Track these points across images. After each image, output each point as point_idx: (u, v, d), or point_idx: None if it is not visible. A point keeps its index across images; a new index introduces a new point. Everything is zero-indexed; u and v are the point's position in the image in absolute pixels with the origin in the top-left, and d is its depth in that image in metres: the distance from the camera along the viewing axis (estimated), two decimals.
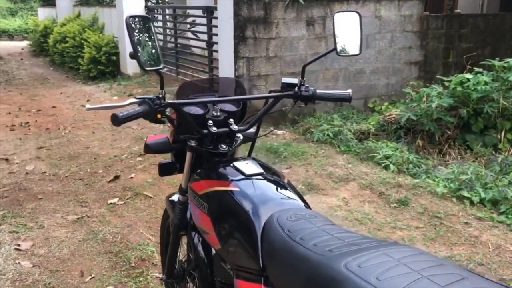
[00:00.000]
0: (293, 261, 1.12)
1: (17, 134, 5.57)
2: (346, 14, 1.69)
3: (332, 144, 4.98)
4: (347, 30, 1.67)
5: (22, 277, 2.63)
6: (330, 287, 0.95)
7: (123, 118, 1.35)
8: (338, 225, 1.29)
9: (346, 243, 1.10)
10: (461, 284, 0.88)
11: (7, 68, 11.01)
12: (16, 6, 22.60)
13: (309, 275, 1.04)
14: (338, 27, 1.67)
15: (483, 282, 0.90)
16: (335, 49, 1.72)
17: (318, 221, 1.25)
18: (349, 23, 1.66)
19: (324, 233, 1.17)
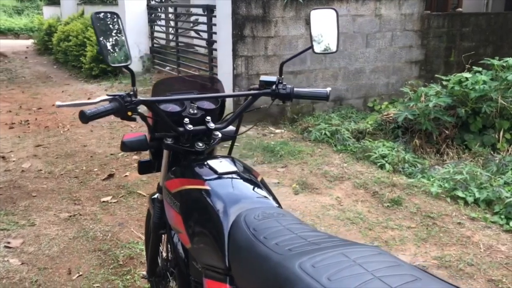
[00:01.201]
0: (254, 260, 1.10)
1: (16, 132, 5.59)
2: (323, 11, 1.67)
3: (329, 143, 4.96)
4: (324, 28, 1.65)
5: (10, 275, 2.63)
6: (285, 286, 0.94)
7: (90, 115, 1.34)
8: (307, 224, 1.28)
9: (307, 242, 1.09)
10: (412, 285, 0.87)
11: (11, 67, 11.05)
12: (22, 4, 22.69)
13: (267, 274, 1.02)
14: (315, 25, 1.65)
15: (435, 283, 0.88)
16: (311, 47, 1.70)
17: (285, 220, 1.24)
18: (326, 20, 1.65)
19: (288, 232, 1.15)
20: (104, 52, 1.36)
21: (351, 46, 6.13)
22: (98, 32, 1.35)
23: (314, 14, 1.65)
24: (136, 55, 8.80)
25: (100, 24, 1.39)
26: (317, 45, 1.69)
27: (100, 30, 1.37)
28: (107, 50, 1.39)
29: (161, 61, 8.72)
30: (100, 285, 2.54)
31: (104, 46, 1.36)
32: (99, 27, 1.37)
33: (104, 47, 1.36)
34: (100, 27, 1.38)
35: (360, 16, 6.09)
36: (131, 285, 2.54)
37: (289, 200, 3.66)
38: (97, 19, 1.38)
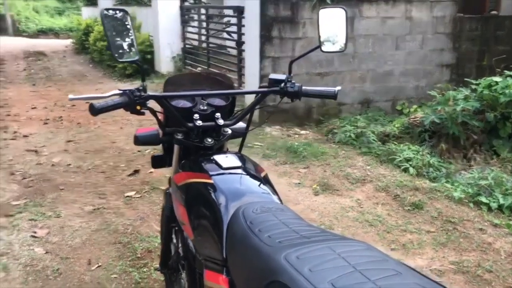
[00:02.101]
0: (246, 251, 1.14)
1: (49, 127, 5.79)
2: (332, 10, 1.68)
3: (354, 145, 4.94)
4: (332, 27, 1.67)
5: (34, 263, 2.74)
6: (270, 276, 0.97)
7: (99, 108, 1.40)
8: (304, 220, 1.30)
9: (299, 236, 1.11)
10: (392, 279, 0.88)
11: (49, 65, 11.44)
12: (64, 5, 23.44)
13: (257, 265, 1.05)
14: (323, 24, 1.67)
15: (414, 277, 0.89)
16: (319, 46, 1.72)
17: (282, 214, 1.26)
18: (335, 19, 1.66)
19: (283, 226, 1.18)
20: (112, 48, 1.41)
21: (380, 48, 6.08)
22: (107, 29, 1.41)
23: (323, 13, 1.67)
24: (168, 55, 8.97)
25: (110, 21, 1.45)
26: (325, 44, 1.71)
27: (109, 27, 1.43)
28: (116, 46, 1.44)
29: (192, 62, 8.84)
30: (118, 276, 2.62)
31: (112, 42, 1.42)
32: (108, 23, 1.43)
33: (112, 43, 1.42)
34: (110, 23, 1.44)
35: (390, 18, 6.03)
36: (147, 277, 2.61)
37: (309, 200, 3.67)
38: (107, 16, 1.44)
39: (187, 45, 9.13)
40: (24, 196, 3.69)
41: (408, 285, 0.87)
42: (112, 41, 1.42)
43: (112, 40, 1.43)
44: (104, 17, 1.42)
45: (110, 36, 1.42)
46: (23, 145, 5.04)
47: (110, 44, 1.42)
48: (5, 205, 3.53)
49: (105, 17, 1.42)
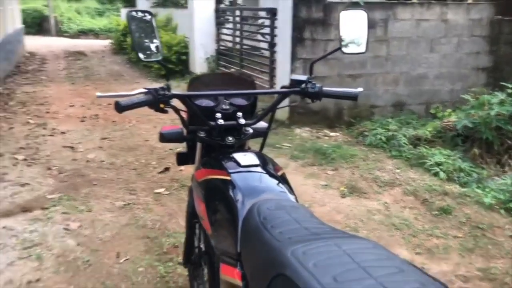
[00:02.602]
0: (258, 246, 1.17)
1: (86, 125, 5.98)
2: (353, 12, 1.70)
3: (384, 148, 4.90)
4: (354, 29, 1.69)
5: (66, 254, 2.86)
6: (276, 270, 1.00)
7: (124, 105, 1.47)
8: (318, 218, 1.32)
9: (309, 232, 1.14)
10: (393, 276, 0.90)
11: (88, 64, 11.78)
12: (104, 6, 24.07)
13: (266, 259, 1.09)
14: (344, 26, 1.69)
15: (416, 275, 0.91)
16: (340, 48, 1.74)
17: (296, 212, 1.29)
18: (356, 21, 1.68)
19: (294, 223, 1.21)
20: (137, 48, 1.48)
21: (414, 51, 6.00)
22: (132, 29, 1.48)
23: (344, 15, 1.69)
24: (202, 56, 9.09)
25: (135, 22, 1.51)
26: (346, 46, 1.73)
27: (134, 28, 1.49)
28: (140, 46, 1.51)
29: (226, 63, 8.94)
30: (144, 270, 2.70)
31: (137, 43, 1.49)
32: (133, 24, 1.50)
33: (137, 44, 1.48)
34: (135, 24, 1.51)
35: (424, 21, 5.95)
36: (172, 272, 2.68)
37: (335, 202, 3.67)
38: (132, 17, 1.50)
39: (221, 46, 9.24)
40: (59, 190, 3.83)
41: (409, 282, 0.88)
42: (137, 41, 1.49)
43: (137, 40, 1.49)
44: (130, 19, 1.49)
45: (135, 37, 1.48)
46: (60, 141, 5.23)
47: (135, 44, 1.48)
48: (41, 198, 3.68)
49: (131, 19, 1.49)
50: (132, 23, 1.48)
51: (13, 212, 3.43)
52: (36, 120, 6.13)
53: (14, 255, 2.83)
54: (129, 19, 1.49)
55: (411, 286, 0.87)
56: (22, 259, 2.80)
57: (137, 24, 1.52)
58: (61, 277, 2.62)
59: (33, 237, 3.05)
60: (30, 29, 19.05)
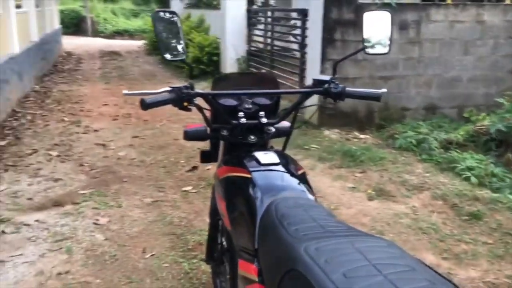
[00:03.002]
0: (273, 242, 1.19)
1: (118, 123, 6.12)
2: (377, 13, 1.69)
3: (414, 152, 4.82)
4: (378, 29, 1.68)
5: (94, 248, 2.94)
6: (289, 265, 1.01)
7: (149, 103, 1.51)
8: (335, 217, 1.32)
9: (324, 230, 1.15)
10: (403, 274, 0.90)
11: (123, 64, 12.04)
12: (139, 8, 24.53)
13: (279, 254, 1.10)
14: (368, 26, 1.68)
15: (427, 274, 0.90)
16: (363, 48, 1.73)
17: (313, 210, 1.30)
18: (380, 22, 1.67)
19: (311, 220, 1.22)
20: (161, 47, 1.51)
21: (448, 53, 5.89)
22: (157, 29, 1.51)
23: (368, 16, 1.68)
24: (233, 57, 9.15)
25: (160, 22, 1.55)
26: (370, 47, 1.72)
27: (159, 27, 1.53)
28: (165, 46, 1.54)
29: (256, 64, 8.97)
30: (169, 266, 2.75)
31: (162, 42, 1.52)
32: (159, 24, 1.53)
33: (162, 43, 1.52)
34: (160, 24, 1.54)
35: (459, 22, 5.83)
36: (196, 269, 2.72)
37: (362, 205, 3.64)
38: (158, 17, 1.54)
39: (252, 47, 9.28)
40: (90, 186, 3.94)
41: (418, 281, 0.88)
42: (161, 40, 1.52)
43: (162, 39, 1.53)
44: (155, 19, 1.53)
45: (160, 36, 1.52)
46: (93, 138, 5.37)
47: (160, 43, 1.52)
48: (73, 193, 3.79)
49: (156, 18, 1.53)
50: (158, 23, 1.52)
51: (46, 206, 3.54)
52: (71, 118, 6.31)
53: (45, 247, 2.93)
54: (154, 19, 1.53)
55: (420, 284, 0.87)
56: (53, 251, 2.89)
57: (163, 24, 1.55)
58: (89, 270, 2.70)
59: (64, 231, 3.14)
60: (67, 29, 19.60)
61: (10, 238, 3.04)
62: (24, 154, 4.70)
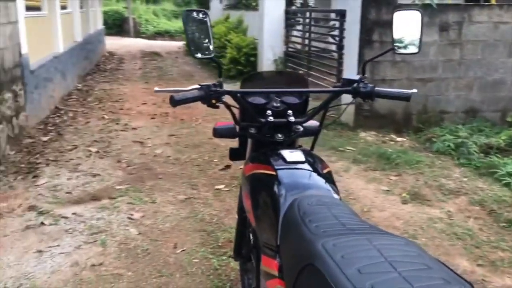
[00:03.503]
0: (294, 238, 1.19)
1: (156, 122, 6.24)
2: (408, 12, 1.67)
3: (452, 156, 4.71)
4: (407, 29, 1.66)
5: (127, 241, 3.01)
6: (306, 260, 1.02)
7: (178, 100, 1.54)
8: (358, 216, 1.31)
9: (344, 228, 1.15)
10: (419, 272, 0.89)
11: (162, 65, 12.27)
12: (180, 9, 24.90)
13: (298, 250, 1.11)
14: (398, 26, 1.66)
15: (442, 273, 0.89)
16: (393, 48, 1.71)
17: (336, 208, 1.29)
18: (410, 21, 1.65)
19: (332, 218, 1.21)
20: (190, 45, 1.55)
21: (491, 55, 5.71)
22: (187, 27, 1.55)
23: (398, 15, 1.66)
24: (270, 58, 9.16)
25: (190, 20, 1.58)
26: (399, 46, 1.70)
27: (189, 26, 1.56)
28: (194, 44, 1.58)
29: (294, 65, 8.96)
30: (199, 261, 2.79)
31: (191, 40, 1.55)
32: (189, 23, 1.56)
33: (191, 41, 1.55)
34: (190, 23, 1.58)
35: (503, 23, 5.64)
36: (225, 265, 2.75)
37: (395, 208, 3.58)
38: (188, 16, 1.57)
39: (289, 48, 9.27)
40: (126, 182, 4.04)
41: (433, 279, 0.87)
42: (191, 38, 1.56)
43: (192, 38, 1.56)
44: (186, 17, 1.56)
45: (189, 34, 1.55)
46: (131, 136, 5.50)
47: (189, 41, 1.55)
48: (110, 188, 3.90)
49: (187, 17, 1.56)
50: (188, 22, 1.56)
51: (83, 200, 3.66)
52: (111, 116, 6.49)
53: (81, 240, 3.03)
54: (185, 18, 1.56)
55: (434, 282, 0.86)
56: (88, 243, 2.99)
57: (193, 23, 1.59)
58: (121, 262, 2.77)
59: (99, 224, 3.24)
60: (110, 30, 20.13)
61: (49, 229, 3.15)
62: (65, 150, 4.86)
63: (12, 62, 4.87)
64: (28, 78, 5.41)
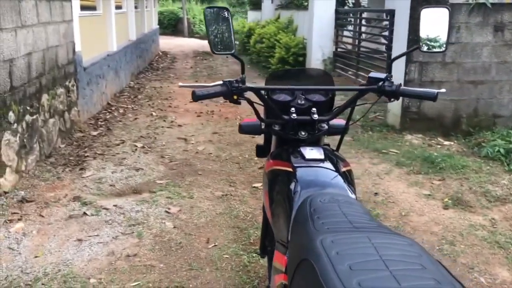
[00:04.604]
0: (300, 234, 1.19)
1: (201, 120, 6.36)
2: (435, 10, 1.62)
3: (502, 161, 4.50)
4: (434, 27, 1.61)
5: (162, 234, 3.09)
6: (303, 255, 1.02)
7: (199, 95, 1.57)
8: (371, 216, 1.29)
9: (350, 226, 1.13)
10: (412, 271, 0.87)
11: (213, 64, 12.46)
12: (234, 9, 25.20)
13: (299, 245, 1.10)
14: (424, 23, 1.62)
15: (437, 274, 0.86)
16: (419, 46, 1.66)
17: (348, 207, 1.28)
18: (438, 19, 1.60)
19: (341, 216, 1.20)
20: (210, 41, 1.58)
21: None
22: (208, 24, 1.57)
23: (425, 13, 1.62)
24: (319, 58, 9.11)
25: (211, 17, 1.61)
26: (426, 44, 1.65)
27: (210, 23, 1.59)
28: (214, 40, 1.60)
29: (343, 65, 8.86)
30: (229, 257, 2.82)
31: (212, 36, 1.58)
32: (210, 19, 1.59)
33: (211, 37, 1.58)
34: (211, 19, 1.60)
35: None
36: (255, 262, 2.76)
37: (435, 213, 3.48)
38: (209, 13, 1.60)
39: (339, 48, 9.18)
40: (167, 177, 4.14)
41: (424, 279, 0.84)
42: (212, 35, 1.59)
43: (212, 34, 1.59)
44: (207, 14, 1.59)
45: (210, 31, 1.58)
46: (176, 133, 5.63)
47: (209, 37, 1.58)
48: (151, 182, 4.01)
49: (208, 14, 1.59)
50: (209, 19, 1.58)
51: (125, 193, 3.79)
52: (159, 113, 6.67)
53: (119, 230, 3.14)
54: (206, 14, 1.59)
55: (424, 282, 0.84)
56: (126, 234, 3.09)
57: (214, 20, 1.61)
58: (155, 254, 2.85)
59: (137, 216, 3.34)
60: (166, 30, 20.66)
61: (90, 219, 3.29)
62: (112, 144, 5.05)
63: (65, 59, 5.11)
64: (81, 75, 5.66)
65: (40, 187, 3.80)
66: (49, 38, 4.61)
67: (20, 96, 3.87)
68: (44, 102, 4.43)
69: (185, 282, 2.57)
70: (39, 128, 4.27)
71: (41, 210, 3.39)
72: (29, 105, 4.05)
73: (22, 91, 3.91)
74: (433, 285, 0.84)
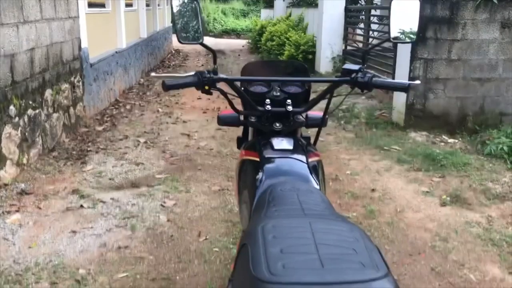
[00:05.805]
0: (252, 221, 1.20)
1: (207, 116, 6.39)
2: (406, 1, 1.61)
3: (505, 159, 4.43)
4: (405, 18, 1.60)
5: (155, 227, 3.13)
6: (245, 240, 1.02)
7: (169, 85, 1.58)
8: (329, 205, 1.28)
9: (301, 212, 1.14)
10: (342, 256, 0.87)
11: (224, 62, 12.48)
12: (248, 8, 25.23)
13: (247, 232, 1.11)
14: (395, 15, 1.61)
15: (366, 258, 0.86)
16: (389, 38, 1.65)
17: (306, 196, 1.27)
18: (408, 10, 1.59)
19: (297, 203, 1.20)
20: (177, 32, 1.59)
21: None
22: (175, 15, 1.59)
23: (396, 4, 1.61)
24: (328, 56, 9.08)
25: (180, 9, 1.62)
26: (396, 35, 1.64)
27: (178, 13, 1.60)
28: (181, 30, 1.62)
29: (352, 63, 8.80)
30: (218, 250, 2.84)
31: (179, 27, 1.59)
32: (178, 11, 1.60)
33: (179, 28, 1.59)
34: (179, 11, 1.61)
35: None
36: None
37: (432, 210, 3.45)
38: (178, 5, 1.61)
39: (349, 46, 9.13)
40: (166, 171, 4.18)
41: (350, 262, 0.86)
42: (179, 25, 1.60)
43: (179, 23, 1.60)
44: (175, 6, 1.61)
45: (177, 22, 1.59)
46: (180, 129, 5.67)
47: (176, 26, 1.59)
48: (150, 177, 4.05)
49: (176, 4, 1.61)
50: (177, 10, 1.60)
51: (123, 187, 3.83)
52: (165, 109, 6.72)
53: (113, 223, 3.17)
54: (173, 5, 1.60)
55: (349, 265, 0.84)
56: (119, 227, 3.13)
57: (182, 10, 1.63)
58: (146, 247, 2.88)
59: (133, 210, 3.38)
60: None
61: (86, 212, 3.34)
62: (116, 139, 5.10)
63: (71, 55, 5.18)
64: (87, 71, 5.73)
65: (40, 180, 3.87)
66: (53, 34, 4.68)
67: (22, 91, 3.94)
68: (48, 97, 4.50)
69: (172, 274, 2.60)
70: (42, 122, 4.34)
71: (39, 202, 3.45)
72: (31, 99, 4.12)
73: (24, 86, 3.98)
74: (356, 268, 0.84)
